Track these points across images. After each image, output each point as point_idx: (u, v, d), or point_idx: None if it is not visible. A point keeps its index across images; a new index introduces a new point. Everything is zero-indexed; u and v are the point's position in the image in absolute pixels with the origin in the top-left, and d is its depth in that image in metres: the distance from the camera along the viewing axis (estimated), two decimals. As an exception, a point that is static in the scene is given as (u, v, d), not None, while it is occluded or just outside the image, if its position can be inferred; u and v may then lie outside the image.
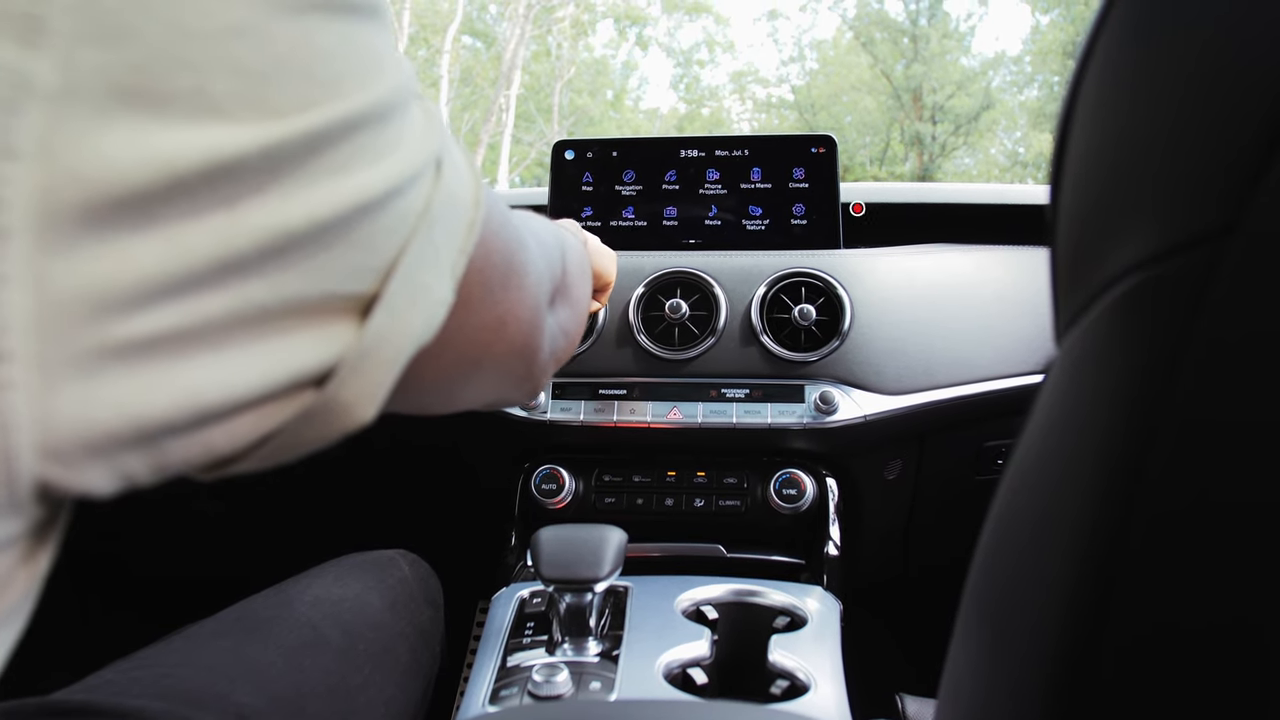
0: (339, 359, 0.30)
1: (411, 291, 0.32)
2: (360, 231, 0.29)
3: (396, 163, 0.31)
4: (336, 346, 0.30)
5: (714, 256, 1.14)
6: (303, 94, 0.26)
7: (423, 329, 0.33)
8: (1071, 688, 0.27)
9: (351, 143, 0.28)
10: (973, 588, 0.34)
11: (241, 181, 0.25)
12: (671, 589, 0.96)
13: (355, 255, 0.29)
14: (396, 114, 0.31)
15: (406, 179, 0.31)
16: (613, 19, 17.95)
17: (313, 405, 0.30)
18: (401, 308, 0.32)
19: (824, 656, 0.85)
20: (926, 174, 16.52)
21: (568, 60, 15.92)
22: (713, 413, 1.07)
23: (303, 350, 0.29)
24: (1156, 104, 0.27)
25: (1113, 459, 0.26)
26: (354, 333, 0.30)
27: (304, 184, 0.27)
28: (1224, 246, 0.24)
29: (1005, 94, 17.06)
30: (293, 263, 0.27)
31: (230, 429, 0.28)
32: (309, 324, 0.29)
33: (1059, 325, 0.32)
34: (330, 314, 0.30)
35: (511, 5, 14.34)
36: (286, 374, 0.29)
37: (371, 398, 0.32)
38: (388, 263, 0.31)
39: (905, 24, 17.03)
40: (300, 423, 0.30)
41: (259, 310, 0.27)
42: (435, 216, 0.33)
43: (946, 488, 1.18)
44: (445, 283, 0.35)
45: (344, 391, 0.31)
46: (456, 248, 0.35)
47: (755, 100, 19.04)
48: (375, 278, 0.31)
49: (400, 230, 0.31)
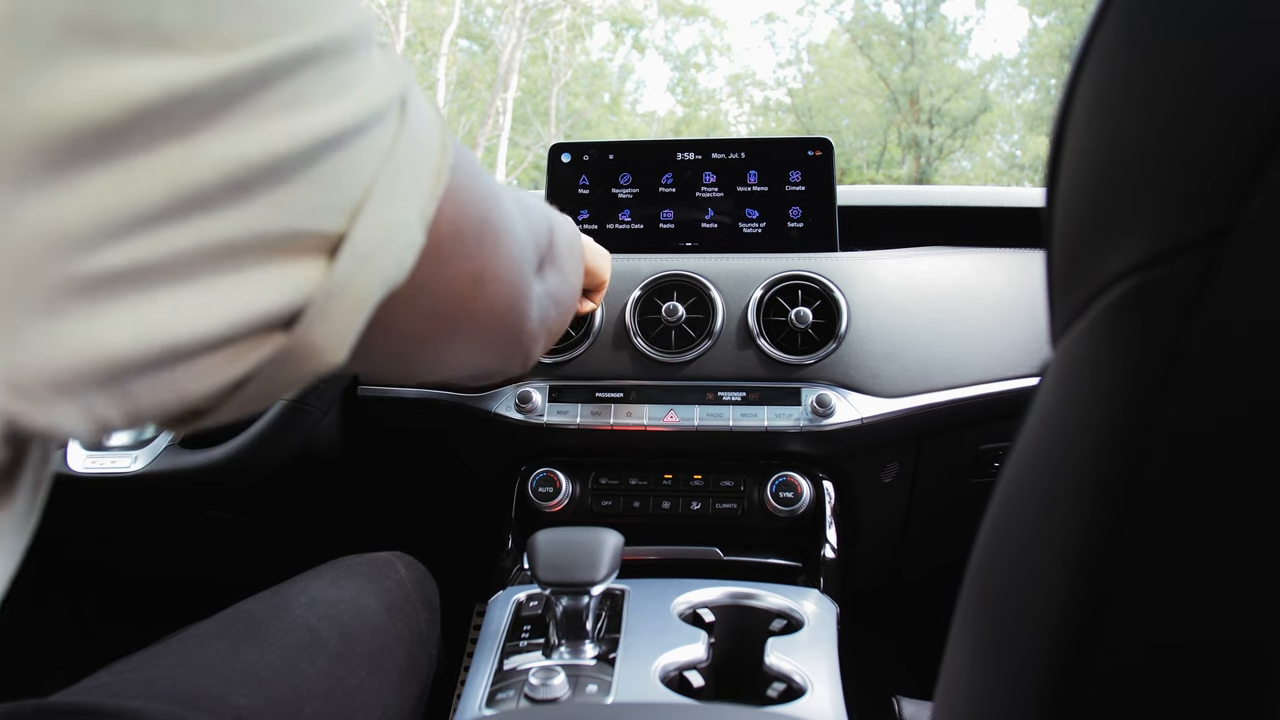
0: (307, 299, 0.30)
1: (379, 233, 0.32)
2: (321, 168, 0.29)
3: (356, 100, 0.31)
4: (304, 287, 0.30)
5: (710, 259, 1.14)
6: (256, 25, 0.27)
7: (393, 271, 0.33)
8: (1066, 690, 0.27)
9: (307, 76, 0.28)
10: (969, 590, 0.34)
11: (196, 114, 0.25)
12: (668, 592, 0.96)
13: (318, 192, 0.29)
14: (355, 51, 0.31)
15: (367, 117, 0.31)
16: (609, 22, 17.96)
17: (282, 348, 0.30)
18: (369, 249, 0.31)
19: (820, 659, 0.85)
20: (924, 177, 16.53)
21: (564, 63, 15.93)
22: (709, 416, 1.07)
23: (270, 289, 0.29)
24: (1152, 107, 0.27)
25: (1107, 462, 0.26)
26: (321, 273, 0.30)
27: (260, 116, 0.27)
28: (1220, 250, 0.24)
29: (1002, 97, 17.08)
30: (254, 197, 0.27)
31: (200, 371, 0.28)
32: (275, 262, 0.29)
33: (1055, 328, 0.32)
34: (297, 253, 0.29)
35: (508, 9, 14.34)
36: (254, 313, 0.29)
37: (341, 340, 0.32)
38: (353, 202, 0.31)
39: (902, 27, 17.05)
40: (271, 366, 0.30)
41: (223, 246, 0.27)
42: (401, 159, 0.33)
43: (943, 490, 1.19)
44: (414, 226, 0.34)
45: (313, 333, 0.31)
46: (425, 192, 0.35)
47: (752, 103, 19.05)
48: (341, 217, 0.30)
49: (364, 169, 0.31)
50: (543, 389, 1.10)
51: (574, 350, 1.11)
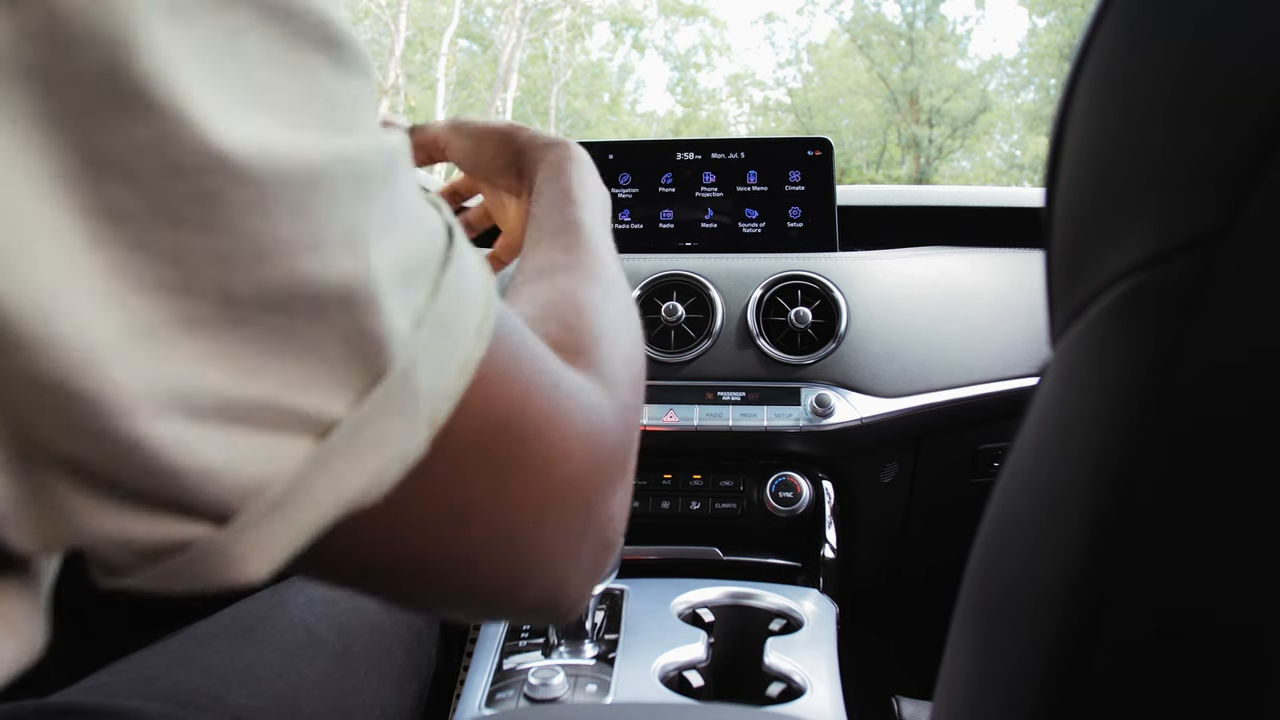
0: (242, 500, 0.23)
1: (370, 432, 0.25)
2: (300, 329, 0.23)
3: (397, 237, 0.26)
4: (248, 481, 0.23)
5: (710, 259, 1.14)
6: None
7: (365, 487, 0.25)
8: (1065, 690, 0.27)
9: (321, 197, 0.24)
10: (968, 590, 0.34)
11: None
12: (668, 592, 0.96)
13: (307, 359, 0.23)
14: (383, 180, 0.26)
15: (408, 263, 0.26)
16: (609, 22, 17.96)
17: (201, 540, 0.23)
18: (344, 450, 0.24)
19: (820, 659, 0.85)
20: (923, 177, 16.53)
21: (564, 63, 15.93)
22: (709, 415, 1.07)
23: (203, 475, 0.23)
24: (1152, 107, 0.27)
25: (1107, 462, 0.26)
26: (280, 467, 0.24)
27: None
28: (1220, 249, 0.24)
29: (1002, 97, 17.08)
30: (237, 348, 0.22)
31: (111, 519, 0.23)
32: (226, 435, 0.23)
33: (1054, 328, 0.32)
34: (262, 432, 0.23)
35: (508, 9, 14.34)
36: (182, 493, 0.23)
37: (268, 559, 0.24)
38: (351, 382, 0.24)
39: (902, 27, 17.05)
40: (184, 555, 0.24)
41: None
42: (427, 334, 0.26)
43: (942, 490, 1.19)
44: (417, 432, 0.26)
45: (240, 539, 0.24)
46: (444, 384, 0.27)
47: (752, 103, 19.05)
48: (330, 399, 0.24)
49: (376, 339, 0.24)
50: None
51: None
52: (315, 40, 0.24)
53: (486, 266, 0.31)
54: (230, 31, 0.22)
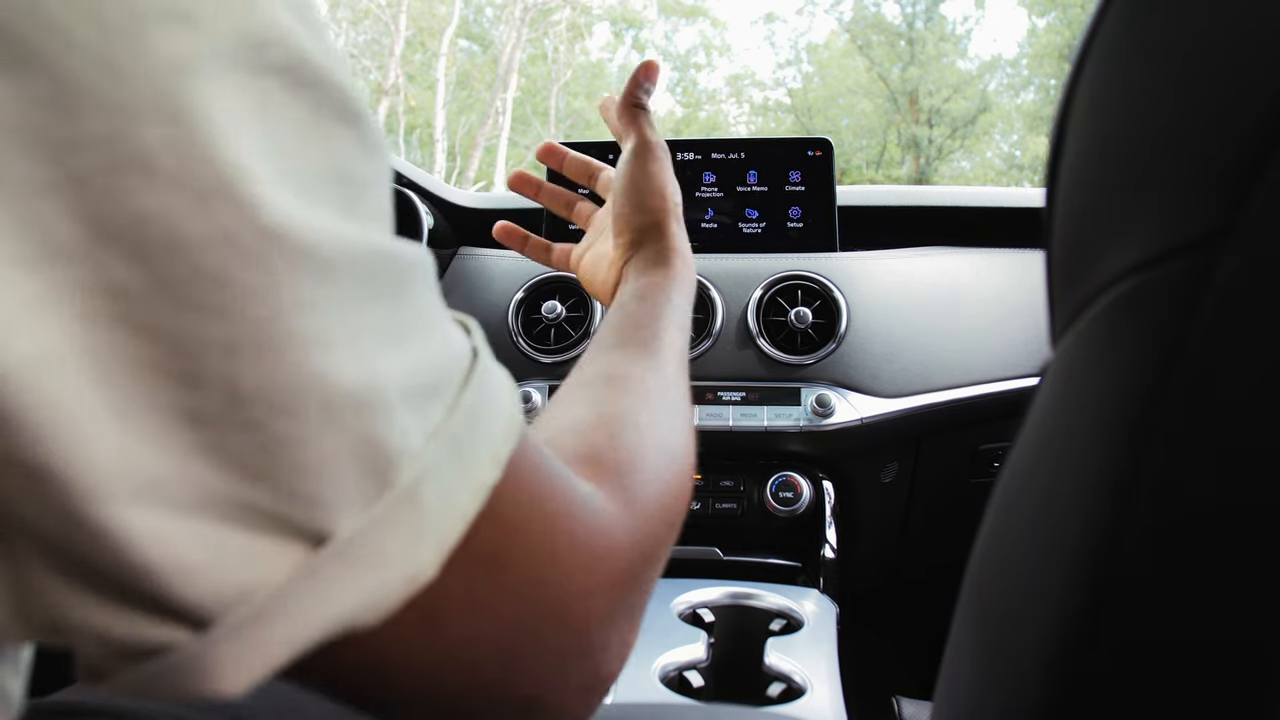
0: (227, 608, 0.22)
1: (366, 551, 0.23)
2: (303, 431, 0.22)
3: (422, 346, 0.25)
4: (232, 590, 0.22)
5: (710, 259, 1.14)
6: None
7: (354, 612, 0.24)
8: (1065, 690, 0.27)
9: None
10: (968, 590, 0.34)
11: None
12: (668, 592, 0.96)
13: (282, 457, 0.22)
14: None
15: (432, 377, 0.26)
16: (609, 22, 17.97)
17: (177, 645, 0.22)
18: (339, 568, 0.23)
19: (820, 659, 0.85)
20: (923, 177, 16.53)
21: (564, 63, 15.92)
22: (709, 415, 1.07)
23: (190, 576, 0.21)
24: (1151, 107, 0.27)
25: (1107, 462, 0.26)
26: (266, 578, 0.22)
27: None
28: (1220, 249, 0.24)
29: (1002, 97, 17.08)
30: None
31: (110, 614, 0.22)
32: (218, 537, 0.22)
33: (1054, 328, 0.32)
34: (242, 537, 0.22)
35: (508, 9, 14.34)
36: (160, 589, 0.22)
37: (248, 671, 0.23)
38: (358, 497, 0.23)
39: (902, 27, 17.05)
40: (162, 662, 0.22)
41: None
42: (445, 449, 0.25)
43: (943, 490, 1.19)
44: (420, 552, 0.25)
45: (214, 651, 0.22)
46: (459, 505, 0.26)
47: (752, 103, 19.05)
48: (331, 513, 0.23)
49: (364, 455, 0.23)
50: (542, 389, 1.10)
51: (573, 350, 1.11)
52: (339, 114, 0.24)
53: (515, 393, 0.30)
54: (259, 100, 0.21)
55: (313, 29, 0.23)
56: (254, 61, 0.21)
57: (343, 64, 0.24)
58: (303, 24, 0.23)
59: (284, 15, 0.22)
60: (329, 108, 0.23)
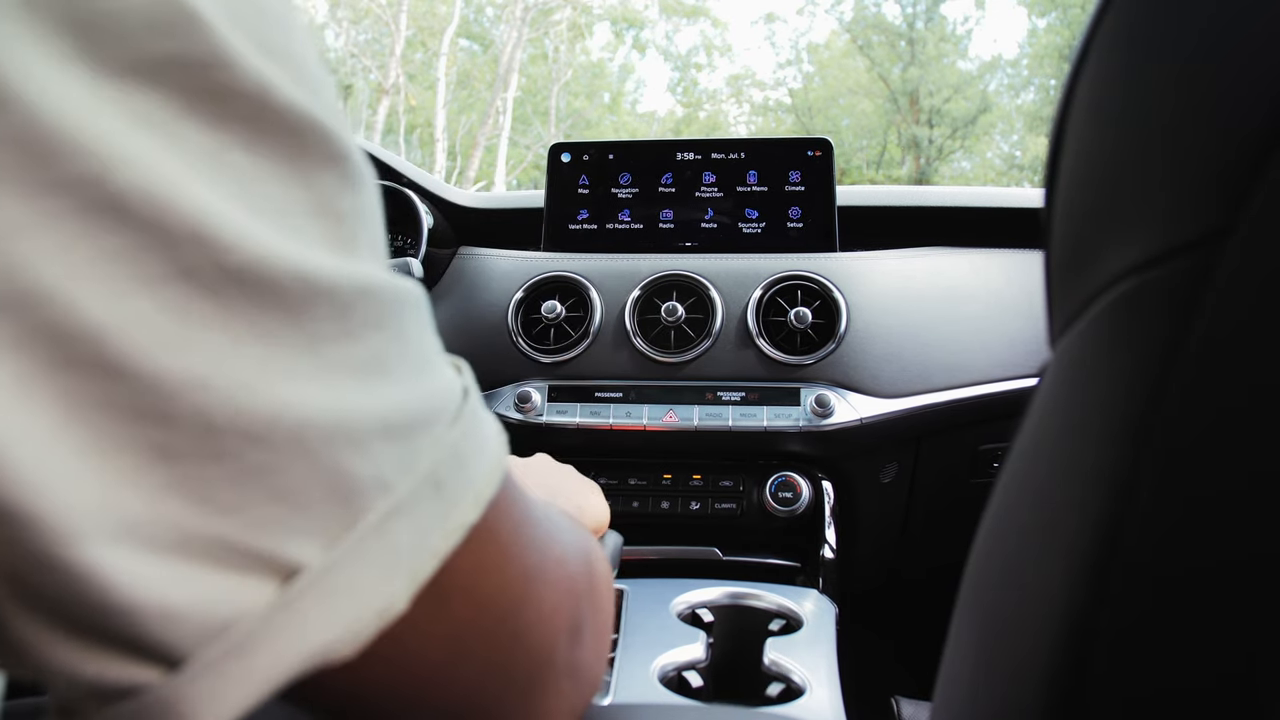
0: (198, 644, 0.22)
1: (342, 581, 0.24)
2: (275, 464, 0.22)
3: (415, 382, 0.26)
4: (210, 621, 0.22)
5: (710, 259, 1.14)
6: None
7: (331, 643, 0.24)
8: (1065, 690, 0.27)
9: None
10: (967, 590, 0.34)
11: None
12: (667, 592, 0.95)
13: (255, 491, 0.22)
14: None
15: (422, 409, 0.26)
16: (610, 22, 17.97)
17: (149, 686, 0.22)
18: (313, 601, 0.23)
19: (819, 659, 0.85)
20: (923, 177, 16.54)
21: (565, 63, 15.93)
22: (709, 416, 1.07)
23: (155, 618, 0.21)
24: (1151, 107, 0.27)
25: (1106, 462, 0.26)
26: (244, 609, 0.22)
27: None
28: (1220, 250, 0.24)
29: (1002, 97, 17.09)
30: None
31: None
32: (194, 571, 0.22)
33: (1054, 329, 0.32)
34: (217, 569, 0.22)
35: (508, 8, 14.34)
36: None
37: (222, 710, 0.22)
38: (338, 529, 0.23)
39: (902, 27, 17.05)
40: (134, 704, 0.22)
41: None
42: (405, 499, 0.25)
43: (942, 491, 1.19)
44: (397, 588, 0.25)
45: (189, 690, 0.22)
46: (432, 541, 0.26)
47: (752, 103, 19.06)
48: (310, 543, 0.23)
49: (336, 488, 0.23)
50: (542, 389, 1.10)
51: (573, 350, 1.11)
52: (321, 155, 0.24)
53: (502, 435, 0.30)
54: (220, 147, 0.21)
55: (296, 72, 0.23)
56: (216, 113, 0.21)
57: (331, 102, 0.24)
58: (284, 70, 0.23)
59: (255, 68, 0.22)
60: (306, 148, 0.23)
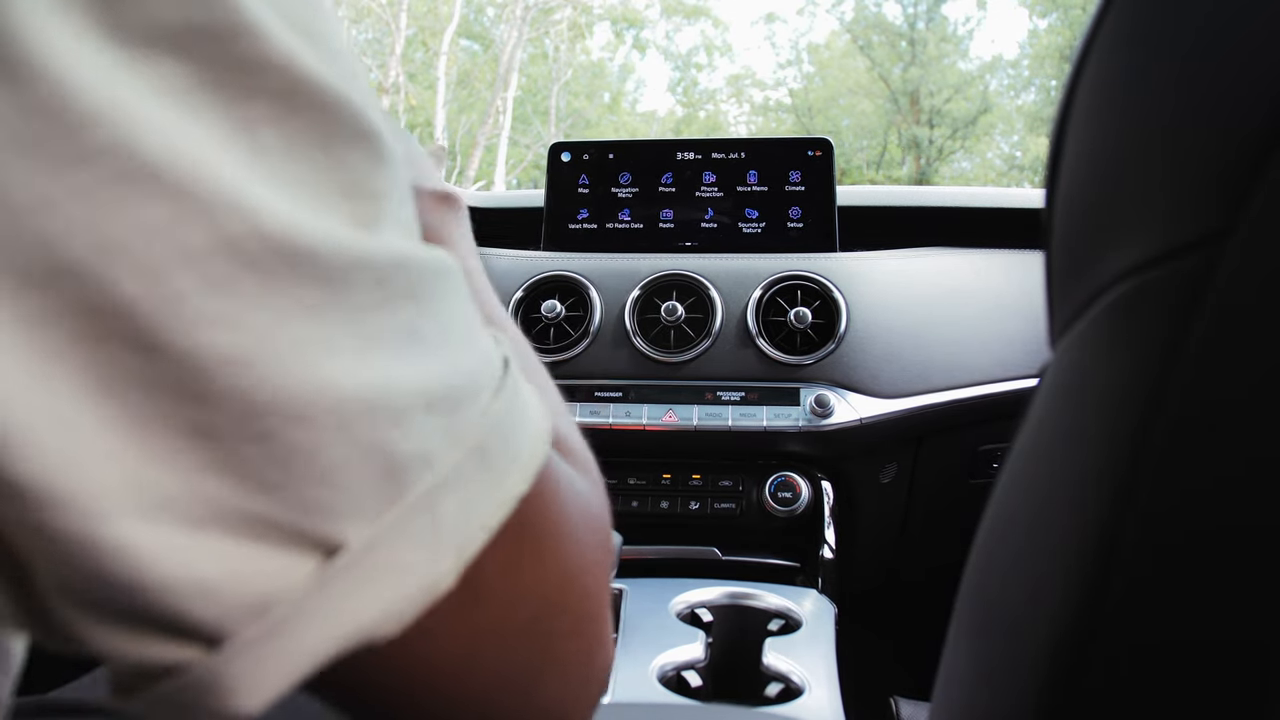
0: (239, 622, 0.22)
1: (387, 558, 0.23)
2: (314, 441, 0.22)
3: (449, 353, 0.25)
4: (247, 599, 0.22)
5: (710, 259, 1.14)
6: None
7: (375, 621, 0.23)
8: (1064, 690, 0.27)
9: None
10: (967, 591, 0.34)
11: None
12: (666, 592, 0.96)
13: (294, 468, 0.22)
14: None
15: (463, 383, 0.25)
16: (610, 22, 17.96)
17: (192, 665, 0.22)
18: (358, 578, 0.23)
19: (818, 659, 0.85)
20: (924, 177, 16.52)
21: (565, 63, 15.92)
22: (708, 415, 1.07)
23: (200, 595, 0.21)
24: (1152, 108, 0.27)
25: (1106, 463, 0.26)
26: (281, 587, 0.22)
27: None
28: (1219, 250, 0.24)
29: (1002, 98, 17.07)
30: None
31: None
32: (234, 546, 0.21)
33: (1054, 329, 0.32)
34: (258, 545, 0.22)
35: (509, 8, 14.33)
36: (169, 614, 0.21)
37: (264, 688, 0.22)
38: (381, 505, 0.23)
39: (903, 27, 17.04)
40: (178, 682, 0.22)
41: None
42: (450, 473, 0.24)
43: (941, 491, 1.19)
44: (444, 562, 0.24)
45: (231, 666, 0.22)
46: (481, 513, 0.25)
47: (752, 103, 19.04)
48: (350, 523, 0.22)
49: (377, 464, 0.23)
50: (542, 388, 1.10)
51: (573, 349, 1.11)
52: (350, 131, 0.23)
53: (542, 405, 0.30)
54: (251, 122, 0.21)
55: (324, 49, 0.23)
56: (244, 85, 0.21)
57: (358, 79, 0.24)
58: (312, 47, 0.22)
59: (284, 42, 0.22)
60: (337, 125, 0.23)
